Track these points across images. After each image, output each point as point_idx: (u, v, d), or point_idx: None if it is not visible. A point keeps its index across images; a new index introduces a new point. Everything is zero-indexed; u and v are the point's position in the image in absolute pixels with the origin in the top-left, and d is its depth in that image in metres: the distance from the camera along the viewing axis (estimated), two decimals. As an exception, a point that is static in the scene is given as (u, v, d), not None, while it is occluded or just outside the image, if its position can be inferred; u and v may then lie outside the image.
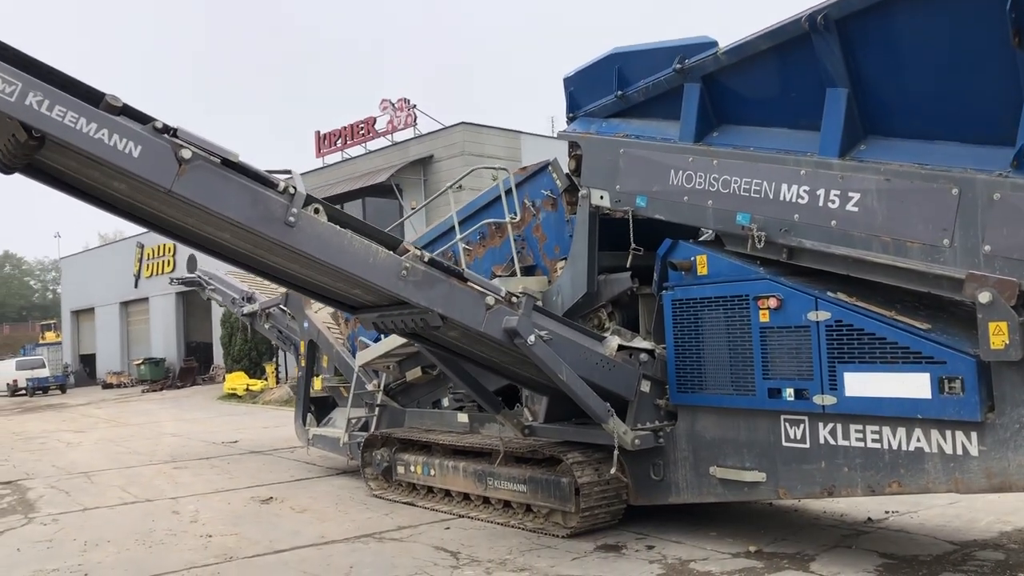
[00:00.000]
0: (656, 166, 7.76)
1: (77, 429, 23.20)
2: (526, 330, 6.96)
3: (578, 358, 7.41)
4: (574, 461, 7.97)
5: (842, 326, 6.41)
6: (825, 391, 6.50)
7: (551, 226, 9.22)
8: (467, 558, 7.53)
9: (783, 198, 6.76)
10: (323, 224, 6.16)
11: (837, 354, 6.44)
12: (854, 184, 6.32)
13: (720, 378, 7.27)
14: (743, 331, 7.08)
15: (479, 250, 10.17)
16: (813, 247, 6.58)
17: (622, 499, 8.08)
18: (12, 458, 17.30)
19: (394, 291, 6.47)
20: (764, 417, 7.00)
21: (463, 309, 6.82)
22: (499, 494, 8.92)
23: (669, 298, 7.67)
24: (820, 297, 6.57)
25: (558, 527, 8.20)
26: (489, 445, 8.98)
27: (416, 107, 32.56)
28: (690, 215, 7.49)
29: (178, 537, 9.07)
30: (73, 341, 57.10)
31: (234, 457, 15.54)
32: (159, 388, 40.75)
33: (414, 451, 10.29)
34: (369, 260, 6.35)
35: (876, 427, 6.29)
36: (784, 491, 6.91)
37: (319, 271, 6.49)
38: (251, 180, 5.89)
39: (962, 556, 6.87)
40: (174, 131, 5.62)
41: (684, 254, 7.59)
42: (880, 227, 6.17)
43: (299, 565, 7.65)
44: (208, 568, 7.71)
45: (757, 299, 6.94)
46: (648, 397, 7.77)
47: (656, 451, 7.81)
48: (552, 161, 9.18)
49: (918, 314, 6.35)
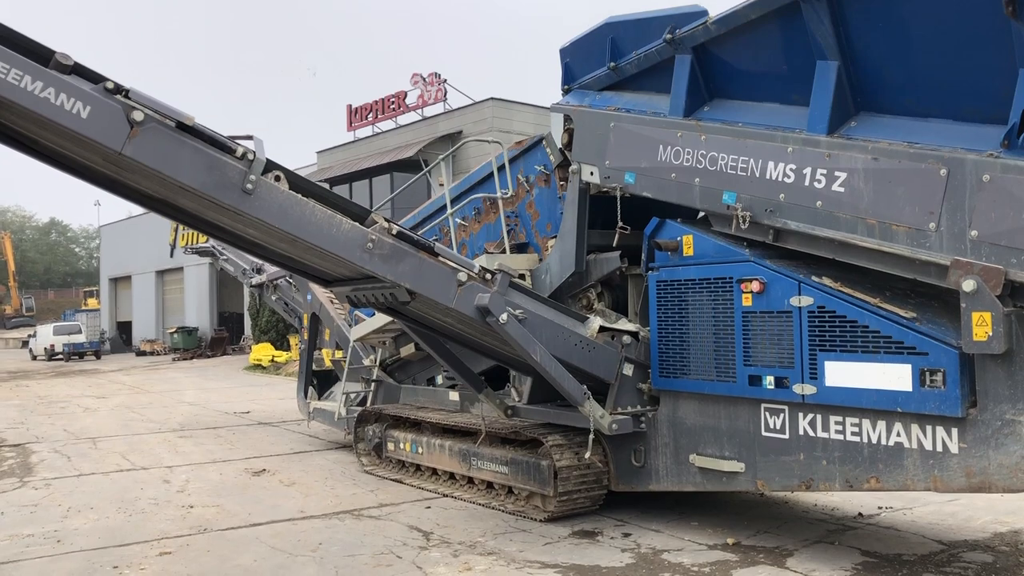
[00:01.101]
0: (645, 141, 7.46)
1: (99, 395, 23.48)
2: (498, 308, 6.73)
3: (556, 339, 7.17)
4: (554, 444, 7.75)
5: (824, 312, 6.10)
6: (805, 380, 6.20)
7: (544, 203, 8.96)
8: (438, 539, 7.36)
9: (769, 176, 6.44)
10: (283, 192, 5.97)
11: (819, 342, 6.13)
12: (841, 163, 5.98)
13: (702, 363, 6.99)
14: (726, 315, 6.79)
15: (474, 226, 9.95)
16: (798, 229, 6.26)
17: (602, 484, 7.85)
18: (29, 421, 17.53)
19: (358, 264, 6.28)
20: (744, 405, 6.72)
21: (433, 285, 6.61)
22: (482, 475, 8.74)
23: (654, 279, 7.39)
24: (804, 282, 6.25)
25: (537, 511, 8.01)
26: (474, 425, 8.79)
27: (446, 82, 32.31)
28: (677, 193, 7.19)
29: (160, 506, 9.03)
30: (111, 308, 58.02)
31: (241, 428, 15.56)
32: (189, 357, 41.22)
33: (404, 428, 10.14)
34: (332, 231, 6.15)
35: (856, 420, 5.99)
36: (762, 483, 6.63)
37: (284, 241, 6.31)
38: (207, 145, 5.71)
39: (948, 557, 6.55)
40: (126, 92, 5.45)
41: (670, 234, 7.30)
42: (866, 209, 5.84)
43: (269, 540, 7.54)
44: (179, 539, 7.63)
45: (740, 282, 6.64)
46: (630, 381, 7.51)
47: (638, 436, 7.57)
48: (546, 135, 8.91)
49: (907, 302, 6.02)
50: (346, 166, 34.75)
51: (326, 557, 6.93)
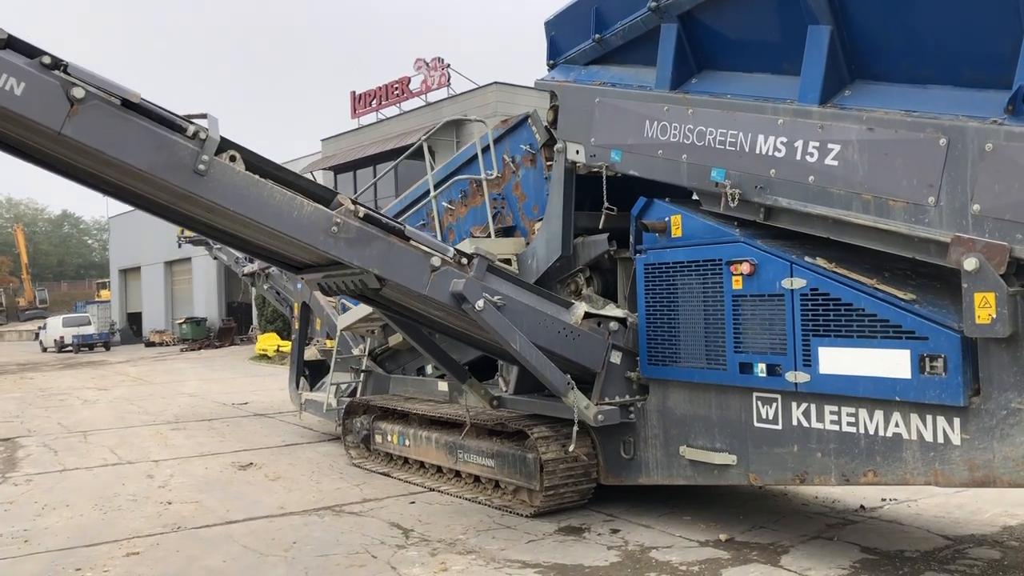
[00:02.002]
0: (631, 117, 7.06)
1: (101, 387, 23.30)
2: (473, 294, 6.37)
3: (537, 326, 6.81)
4: (539, 436, 7.40)
5: (818, 295, 5.71)
6: (798, 367, 5.82)
7: (530, 184, 8.58)
8: (417, 537, 7.03)
9: (759, 151, 6.04)
10: (239, 173, 5.62)
11: (812, 326, 5.74)
12: (834, 134, 5.58)
13: (692, 351, 6.61)
14: (715, 299, 6.41)
15: (461, 210, 9.59)
16: (789, 206, 5.87)
17: (591, 478, 7.50)
18: (25, 414, 17.33)
19: (322, 249, 5.93)
20: (735, 394, 6.35)
21: (404, 270, 6.25)
22: (469, 468, 8.40)
23: (641, 262, 7.01)
24: (796, 263, 5.86)
25: (524, 505, 7.67)
26: (460, 416, 8.45)
27: (450, 66, 31.87)
28: (664, 171, 6.80)
29: (138, 503, 8.74)
30: (121, 299, 58.02)
31: (237, 419, 15.29)
32: (197, 347, 41.09)
33: (391, 420, 9.81)
34: (293, 214, 5.80)
35: (852, 409, 5.61)
36: (754, 476, 6.26)
37: (243, 225, 5.97)
38: (155, 123, 5.37)
39: (953, 553, 6.17)
40: (65, 67, 5.11)
41: (658, 214, 6.91)
42: (861, 183, 5.44)
43: (243, 538, 7.23)
44: (150, 539, 7.33)
45: (730, 264, 6.25)
46: (618, 369, 7.14)
47: (627, 428, 7.21)
48: (532, 113, 8.53)
49: (906, 284, 5.62)
50: (350, 153, 34.38)
51: (298, 557, 6.61)
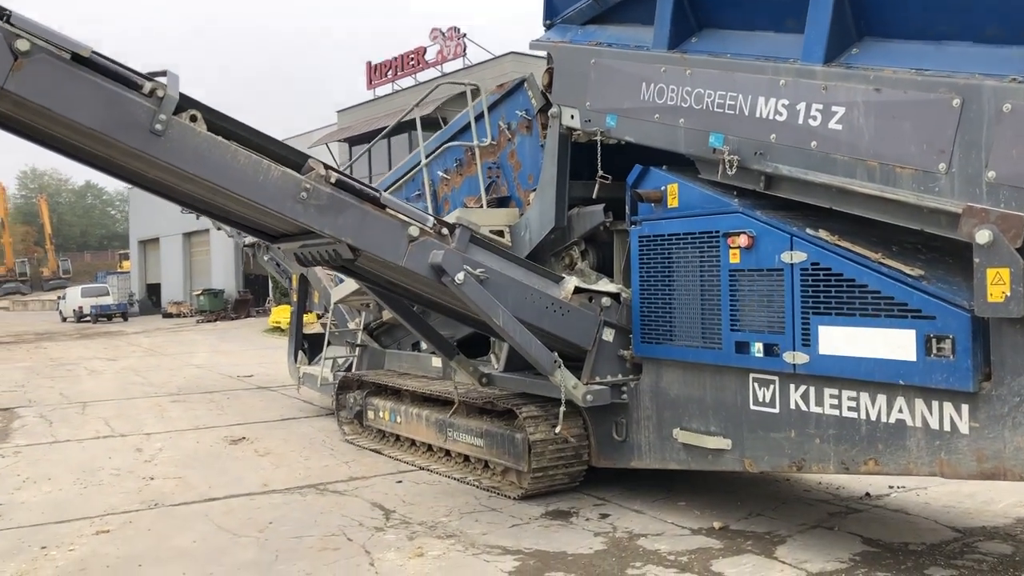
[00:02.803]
0: (627, 79, 6.65)
1: (111, 357, 23.23)
2: (453, 266, 6.01)
3: (524, 301, 6.45)
4: (528, 416, 7.06)
5: (819, 270, 5.30)
6: (797, 347, 5.43)
7: (526, 152, 8.18)
8: (398, 519, 6.74)
9: (759, 114, 5.61)
10: (200, 134, 5.27)
11: (812, 303, 5.34)
12: (839, 96, 5.14)
13: (687, 328, 6.23)
14: (712, 274, 6.01)
15: (456, 179, 9.21)
16: (790, 174, 5.45)
17: (582, 460, 7.16)
18: (30, 383, 17.25)
19: (291, 216, 5.58)
20: (731, 375, 5.97)
21: (379, 240, 5.90)
22: (458, 447, 8.09)
23: (636, 234, 6.62)
24: (796, 235, 5.45)
25: (513, 487, 7.35)
26: (449, 393, 8.12)
27: (466, 36, 31.36)
28: (660, 136, 6.39)
29: (120, 478, 8.51)
30: (140, 270, 58.19)
31: (238, 392, 15.10)
32: (213, 319, 41.08)
33: (384, 396, 9.52)
34: (259, 178, 5.45)
35: (853, 393, 5.21)
36: (750, 462, 5.89)
37: (208, 190, 5.63)
38: (108, 79, 5.02)
39: (961, 547, 5.78)
40: (8, 16, 4.77)
41: (654, 183, 6.51)
42: (866, 149, 5.01)
43: (219, 517, 6.97)
44: (124, 516, 7.09)
45: (727, 236, 5.85)
46: (610, 347, 6.77)
47: (619, 409, 6.85)
48: (528, 76, 8.11)
49: (915, 259, 5.20)
50: (366, 125, 33.99)
51: (271, 539, 6.33)
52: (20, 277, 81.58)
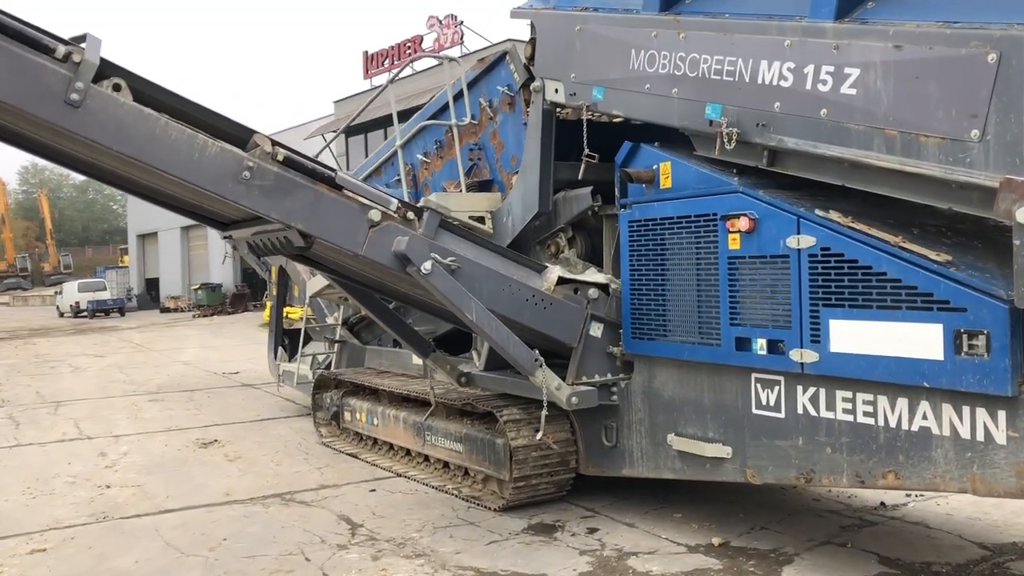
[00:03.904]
0: (615, 46, 5.99)
1: (98, 354, 22.65)
2: (419, 255, 5.37)
3: (501, 293, 5.81)
4: (509, 419, 6.43)
5: (830, 256, 4.65)
6: (805, 344, 4.78)
7: (508, 131, 7.54)
8: (365, 535, 6.11)
9: (761, 81, 4.96)
10: (124, 105, 4.63)
11: (822, 294, 4.69)
12: (852, 56, 4.49)
13: (682, 322, 5.59)
14: (709, 262, 5.36)
15: (437, 162, 8.57)
16: (797, 147, 4.80)
17: (570, 467, 6.53)
18: (9, 382, 16.66)
19: (232, 198, 4.94)
20: (731, 375, 5.32)
21: (335, 226, 5.25)
22: (437, 452, 7.46)
23: (625, 218, 5.97)
24: (804, 217, 4.80)
25: (494, 497, 6.72)
26: (426, 394, 7.49)
27: (463, 23, 30.65)
28: (651, 109, 5.75)
29: (75, 486, 7.90)
30: (139, 265, 57.63)
31: (221, 390, 14.49)
32: (210, 314, 40.52)
33: (361, 396, 8.89)
34: (194, 156, 4.81)
35: (869, 396, 4.56)
36: (752, 472, 5.25)
37: (138, 169, 4.99)
38: (15, 42, 4.39)
39: (991, 567, 5.15)
40: None
41: (645, 161, 5.86)
42: (885, 116, 4.35)
43: (170, 532, 6.35)
44: (66, 531, 6.48)
45: (726, 219, 5.20)
46: (598, 344, 6.13)
47: (610, 411, 6.22)
48: (510, 48, 7.46)
49: (940, 242, 4.55)
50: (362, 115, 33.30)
51: (221, 559, 5.71)
52: (21, 272, 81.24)
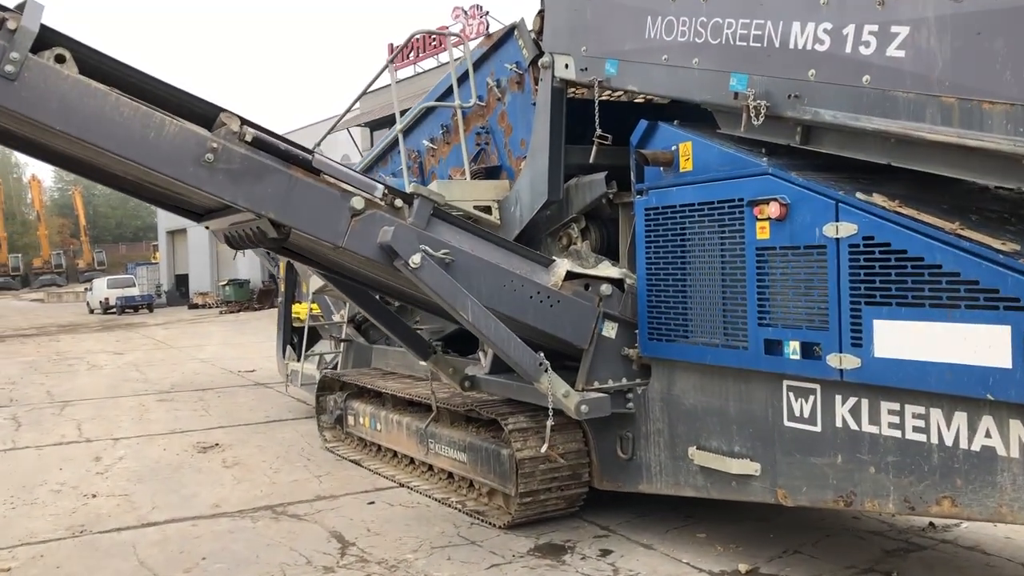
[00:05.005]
0: (630, 14, 5.38)
1: (118, 351, 22.37)
2: (407, 246, 4.81)
3: (501, 289, 5.23)
4: (515, 428, 5.85)
5: (874, 246, 4.01)
6: (845, 348, 4.15)
7: (517, 112, 6.93)
8: (355, 555, 5.57)
9: (794, 45, 4.33)
10: (67, 79, 4.12)
11: (864, 290, 4.06)
12: (901, 12, 3.85)
13: (704, 322, 4.97)
14: (735, 253, 4.74)
15: (443, 148, 7.99)
16: (835, 120, 4.17)
17: (582, 481, 5.93)
18: (23, 380, 16.36)
19: (192, 184, 4.42)
20: (760, 382, 4.70)
21: (312, 214, 4.71)
22: (440, 462, 6.90)
23: (642, 205, 5.36)
24: (844, 201, 4.16)
25: (500, 512, 6.15)
26: (428, 398, 6.92)
27: (488, 14, 30.07)
28: (669, 82, 5.13)
29: (61, 495, 7.44)
30: (169, 261, 57.79)
31: (232, 389, 14.07)
32: (237, 310, 40.33)
33: (364, 399, 8.35)
34: (149, 136, 4.28)
35: (920, 409, 3.93)
36: (784, 493, 4.63)
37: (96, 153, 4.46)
38: (-62, 8, 3.89)
39: (1061, 604, 4.49)
40: None
41: (664, 141, 5.25)
42: (940, 81, 3.71)
43: (147, 549, 5.86)
44: (40, 547, 6.01)
45: (754, 205, 4.58)
46: (612, 345, 5.54)
47: (625, 420, 5.62)
48: (519, 22, 6.85)
49: (1003, 230, 3.91)
50: (387, 108, 32.87)
51: (194, 582, 5.20)
52: (56, 269, 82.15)
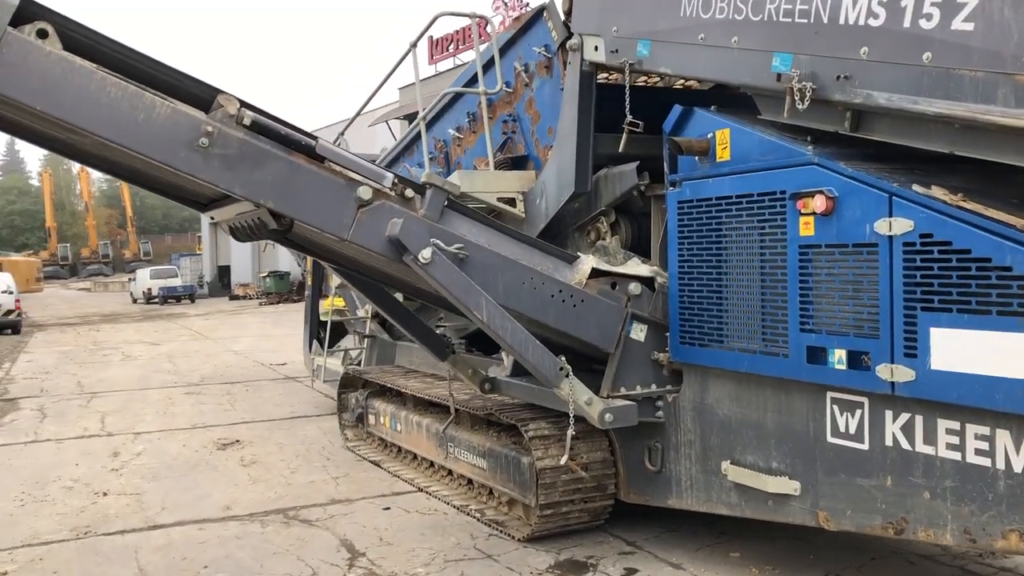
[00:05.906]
0: (664, -9, 4.97)
1: (155, 341, 22.39)
2: (416, 240, 4.45)
3: (521, 287, 4.86)
4: (536, 435, 5.48)
5: (932, 245, 3.57)
6: (897, 358, 3.72)
7: (545, 99, 6.54)
8: (364, 567, 5.24)
9: (844, 20, 3.90)
10: (50, 55, 3.82)
11: (921, 294, 3.62)
12: (968, -21, 3.40)
13: (741, 326, 4.55)
14: (775, 251, 4.32)
15: (470, 138, 7.64)
16: (890, 104, 3.72)
17: (607, 493, 5.55)
18: (56, 370, 16.38)
19: (185, 170, 4.10)
20: (801, 393, 4.28)
21: (315, 205, 4.37)
22: (459, 467, 6.56)
23: (675, 198, 4.95)
24: (898, 195, 3.73)
25: (520, 523, 5.79)
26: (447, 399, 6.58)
27: (528, 5, 29.65)
28: (706, 64, 4.72)
29: (71, 493, 7.24)
30: (211, 252, 58.26)
31: (261, 383, 13.90)
32: (276, 301, 40.43)
33: (385, 398, 8.03)
34: (138, 118, 3.97)
35: (984, 429, 3.49)
36: (826, 516, 4.21)
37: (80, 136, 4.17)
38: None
39: None
40: None
41: (700, 129, 4.83)
42: (1014, 57, 3.27)
43: (148, 555, 5.59)
44: (40, 549, 5.79)
45: (797, 198, 4.15)
46: (641, 349, 5.13)
47: (654, 430, 5.22)
48: (548, 4, 6.46)
49: (1082, 227, 3.44)
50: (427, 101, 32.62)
51: (192, 593, 4.91)
52: (103, 259, 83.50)
